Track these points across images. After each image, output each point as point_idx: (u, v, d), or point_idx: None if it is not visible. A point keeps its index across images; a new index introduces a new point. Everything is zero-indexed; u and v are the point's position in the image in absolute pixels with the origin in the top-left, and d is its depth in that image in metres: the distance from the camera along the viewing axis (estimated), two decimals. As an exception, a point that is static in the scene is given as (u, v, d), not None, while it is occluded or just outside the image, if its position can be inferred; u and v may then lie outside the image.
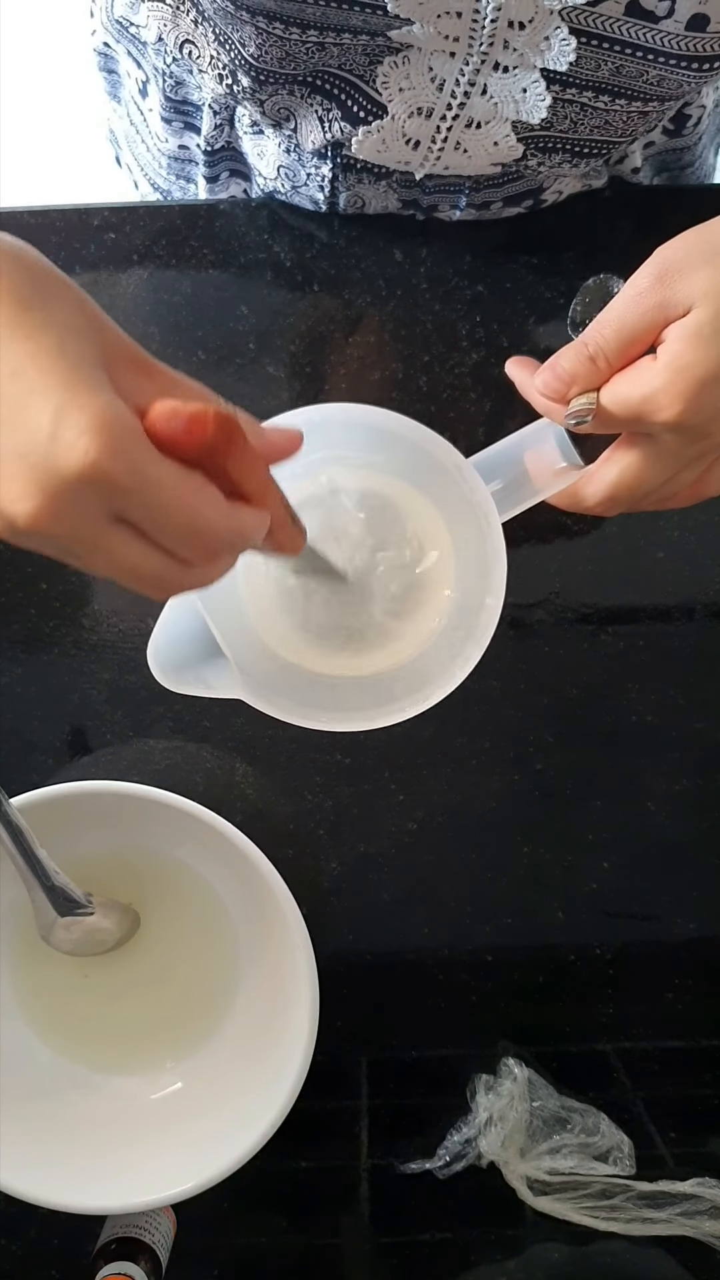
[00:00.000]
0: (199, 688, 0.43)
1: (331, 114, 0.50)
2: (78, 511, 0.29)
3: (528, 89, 0.45)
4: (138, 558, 0.31)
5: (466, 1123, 0.58)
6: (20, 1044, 0.55)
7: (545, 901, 0.60)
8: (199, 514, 0.30)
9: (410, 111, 0.48)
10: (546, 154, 0.50)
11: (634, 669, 0.59)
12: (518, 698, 0.59)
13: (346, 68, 0.47)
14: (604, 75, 0.44)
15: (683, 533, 0.58)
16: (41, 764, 0.58)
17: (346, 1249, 0.60)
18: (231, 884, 0.54)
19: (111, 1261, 0.52)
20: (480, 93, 0.46)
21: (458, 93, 0.46)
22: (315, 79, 0.48)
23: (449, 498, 0.46)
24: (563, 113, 0.46)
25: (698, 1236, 0.57)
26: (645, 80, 0.44)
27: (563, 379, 0.41)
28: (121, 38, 0.60)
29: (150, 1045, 0.57)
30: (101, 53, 0.65)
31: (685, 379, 0.38)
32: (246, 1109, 0.51)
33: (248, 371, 0.56)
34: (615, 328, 0.40)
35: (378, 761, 0.59)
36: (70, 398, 0.28)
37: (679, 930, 0.61)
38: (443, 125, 0.48)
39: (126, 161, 0.72)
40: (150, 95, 0.62)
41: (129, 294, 0.55)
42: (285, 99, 0.50)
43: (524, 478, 0.45)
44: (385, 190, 0.55)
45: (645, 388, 0.39)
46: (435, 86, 0.46)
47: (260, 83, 0.49)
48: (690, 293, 0.38)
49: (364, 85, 0.48)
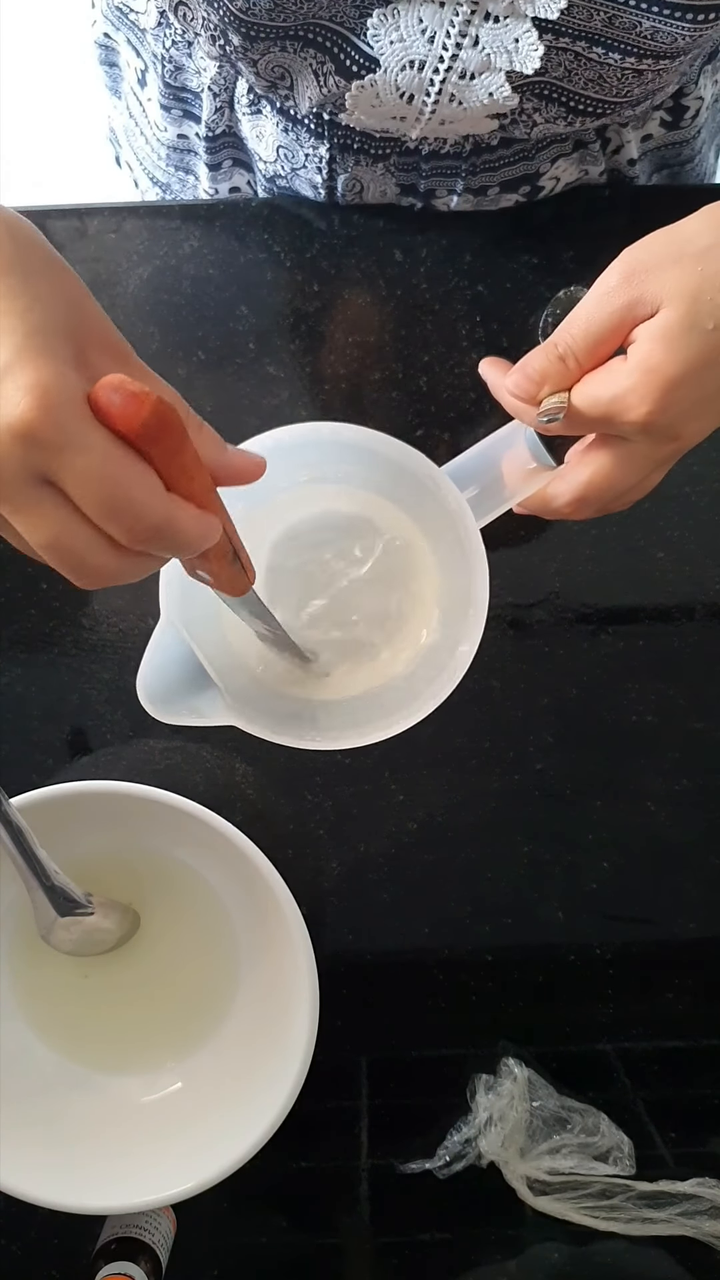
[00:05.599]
0: (191, 717, 0.43)
1: (325, 66, 0.49)
2: (5, 466, 0.30)
3: (520, 39, 0.45)
4: (60, 526, 0.31)
5: (466, 1123, 0.58)
6: (20, 1044, 0.55)
7: (545, 901, 0.60)
8: (127, 488, 0.30)
9: (403, 64, 0.47)
10: (542, 102, 0.49)
11: (634, 669, 0.59)
12: (518, 698, 0.59)
13: (337, 19, 0.46)
14: (597, 25, 0.44)
15: (683, 533, 0.58)
16: (41, 764, 0.58)
17: (346, 1249, 0.60)
18: (231, 884, 0.54)
19: (111, 1261, 0.52)
20: (472, 44, 0.45)
21: (449, 44, 0.46)
22: (307, 32, 0.48)
23: (428, 510, 0.46)
24: (556, 60, 0.46)
25: (698, 1236, 0.57)
26: (639, 33, 0.44)
27: (533, 379, 0.41)
28: (121, 25, 0.60)
29: (150, 1045, 0.57)
30: (102, 44, 0.65)
31: (654, 379, 0.38)
32: (246, 1109, 0.51)
33: (248, 371, 0.56)
34: (584, 328, 0.40)
35: (378, 761, 0.59)
36: (18, 356, 0.29)
37: (679, 930, 0.61)
38: (435, 78, 0.47)
39: (126, 159, 0.72)
40: (149, 84, 0.61)
41: (129, 294, 0.55)
42: (278, 55, 0.49)
43: (499, 481, 0.45)
44: (383, 173, 0.54)
45: (615, 388, 0.39)
46: (426, 39, 0.46)
47: (251, 39, 0.49)
48: (659, 293, 0.38)
49: (355, 38, 0.47)
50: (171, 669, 0.44)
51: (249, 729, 0.44)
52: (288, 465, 0.47)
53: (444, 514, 0.44)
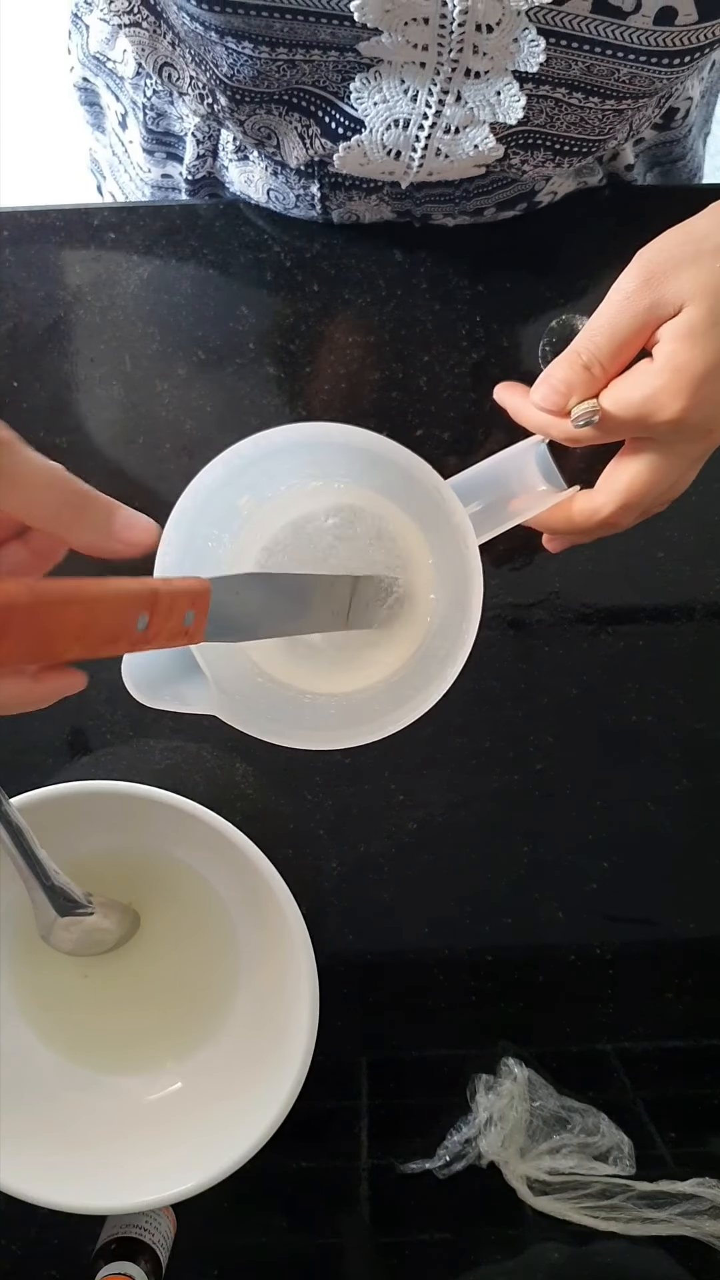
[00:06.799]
0: (175, 704, 0.43)
1: (311, 130, 0.50)
2: None
3: (501, 91, 0.45)
4: None
5: (466, 1123, 0.58)
6: (20, 1044, 0.55)
7: (545, 901, 0.60)
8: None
9: (387, 124, 0.47)
10: (528, 151, 0.49)
11: (634, 669, 0.59)
12: (518, 698, 0.59)
13: (320, 85, 0.46)
14: (576, 74, 0.44)
15: (683, 533, 0.58)
16: (41, 764, 0.58)
17: (346, 1249, 0.60)
18: (231, 884, 0.54)
19: (111, 1261, 0.52)
20: (455, 100, 0.46)
21: (432, 102, 0.46)
22: (291, 97, 0.48)
23: (431, 517, 0.46)
24: (538, 108, 0.46)
25: (698, 1236, 0.57)
26: (617, 79, 0.44)
27: (559, 390, 0.41)
28: (99, 72, 0.60)
29: (150, 1045, 0.57)
30: (81, 88, 0.64)
31: (684, 377, 0.38)
32: (246, 1109, 0.51)
33: (248, 371, 0.56)
34: (608, 334, 0.40)
35: (378, 761, 0.59)
36: None
37: (679, 930, 0.61)
38: (421, 135, 0.48)
39: (109, 189, 0.72)
40: (130, 128, 0.61)
41: (129, 294, 0.55)
42: (264, 118, 0.50)
43: (504, 500, 0.45)
44: (377, 203, 0.55)
45: (646, 389, 0.39)
46: (409, 98, 0.46)
47: (238, 102, 0.49)
48: (680, 291, 0.39)
49: (339, 102, 0.48)
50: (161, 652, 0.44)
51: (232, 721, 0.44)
52: (296, 463, 0.47)
53: (446, 524, 0.44)
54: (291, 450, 0.44)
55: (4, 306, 0.55)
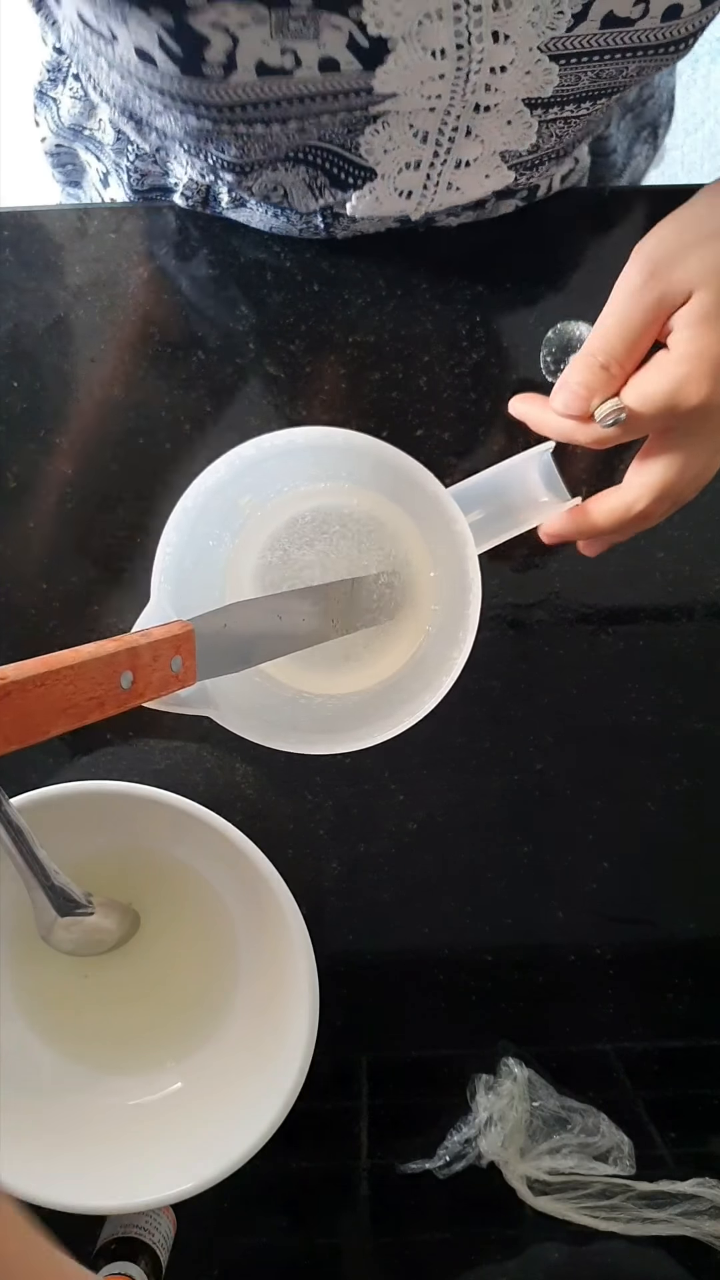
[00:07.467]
0: (170, 702, 0.43)
1: (319, 181, 0.49)
2: None
3: (512, 120, 0.44)
4: None
5: (466, 1123, 0.58)
6: (20, 1044, 0.55)
7: (545, 901, 0.60)
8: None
9: (399, 168, 0.47)
10: (535, 169, 0.49)
11: (634, 669, 0.59)
12: (518, 698, 0.59)
13: (328, 139, 0.45)
14: (584, 85, 0.44)
15: (683, 533, 0.58)
16: (41, 764, 0.58)
17: (346, 1249, 0.60)
18: (231, 884, 0.54)
19: (111, 1261, 0.52)
20: (465, 134, 0.45)
21: (443, 140, 0.45)
22: (298, 152, 0.47)
23: (432, 522, 0.46)
24: (548, 131, 0.46)
25: (698, 1236, 0.57)
26: (624, 75, 0.44)
27: (580, 394, 0.41)
28: (76, 139, 0.58)
29: (150, 1045, 0.57)
30: (53, 153, 0.62)
31: (706, 361, 0.38)
32: (246, 1109, 0.51)
33: (248, 371, 0.56)
34: (620, 331, 0.40)
35: (378, 761, 0.59)
36: None
37: (679, 930, 0.61)
38: (432, 172, 0.47)
39: None
40: (113, 185, 0.60)
41: (129, 294, 0.55)
42: (271, 176, 0.49)
43: (506, 509, 0.46)
44: (380, 221, 0.55)
45: (669, 379, 0.39)
46: (419, 140, 0.45)
47: (244, 173, 0.48)
48: (687, 278, 0.39)
49: (348, 154, 0.46)
50: None
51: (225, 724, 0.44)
52: (298, 464, 0.47)
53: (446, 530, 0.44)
54: (294, 453, 0.44)
55: (4, 306, 0.55)
